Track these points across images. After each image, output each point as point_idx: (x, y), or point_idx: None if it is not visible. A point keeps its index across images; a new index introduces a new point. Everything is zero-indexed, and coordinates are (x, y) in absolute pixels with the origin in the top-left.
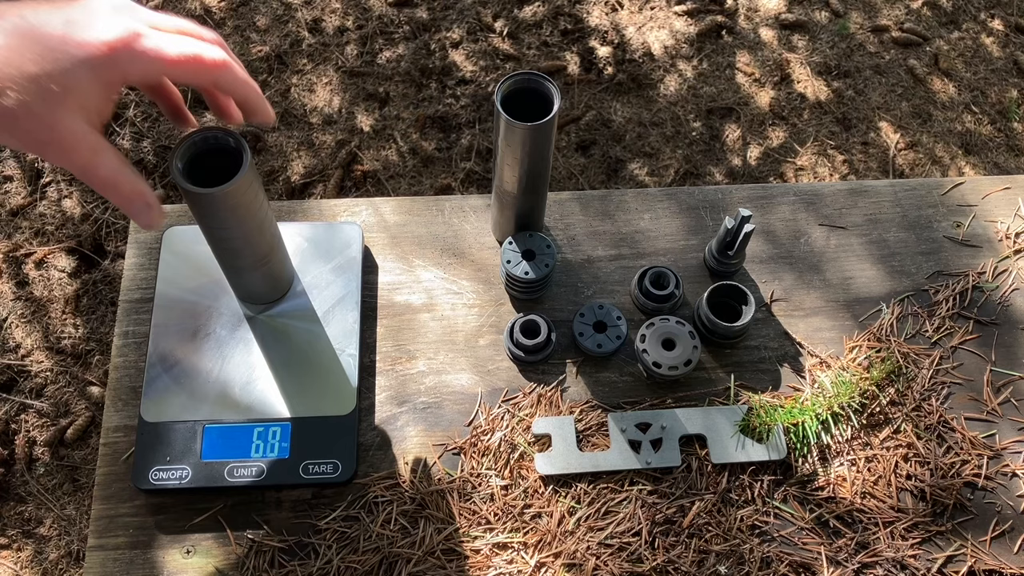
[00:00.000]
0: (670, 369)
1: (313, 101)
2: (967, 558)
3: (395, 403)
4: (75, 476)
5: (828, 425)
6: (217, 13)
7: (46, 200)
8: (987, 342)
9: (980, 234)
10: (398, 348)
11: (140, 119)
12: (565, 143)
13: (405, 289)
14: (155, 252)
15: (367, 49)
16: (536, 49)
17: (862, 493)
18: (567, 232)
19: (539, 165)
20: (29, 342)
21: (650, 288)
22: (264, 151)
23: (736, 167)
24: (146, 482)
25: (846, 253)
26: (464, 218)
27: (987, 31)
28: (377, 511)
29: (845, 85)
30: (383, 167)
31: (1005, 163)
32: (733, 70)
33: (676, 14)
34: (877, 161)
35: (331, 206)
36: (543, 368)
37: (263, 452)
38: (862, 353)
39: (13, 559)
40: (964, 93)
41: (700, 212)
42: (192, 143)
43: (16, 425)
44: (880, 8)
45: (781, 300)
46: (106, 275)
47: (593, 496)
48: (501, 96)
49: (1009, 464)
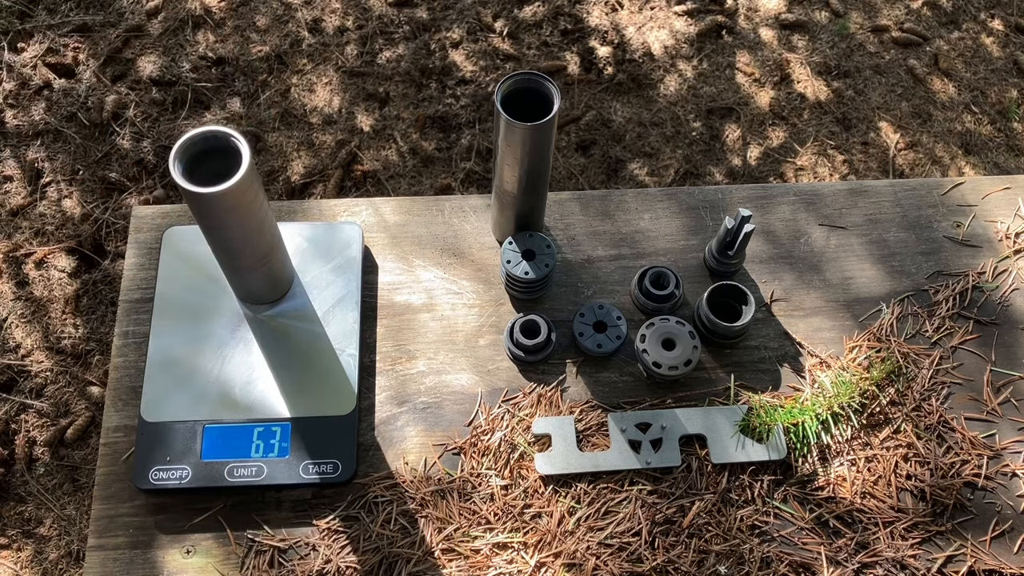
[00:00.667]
0: (670, 369)
1: (313, 101)
2: (967, 558)
3: (395, 403)
4: (75, 476)
5: (828, 425)
6: (217, 13)
7: (46, 200)
8: (987, 342)
9: (980, 234)
10: (398, 348)
11: (140, 119)
12: (565, 143)
13: (405, 289)
14: (155, 252)
15: (367, 49)
16: (536, 49)
17: (862, 493)
18: (567, 232)
19: (539, 165)
20: (29, 342)
21: (650, 288)
22: (264, 151)
23: (736, 167)
24: (146, 482)
25: (846, 253)
26: (464, 218)
27: (987, 31)
28: (377, 511)
29: (845, 85)
30: (383, 167)
31: (1005, 163)
32: (733, 70)
33: (676, 14)
34: (877, 161)
35: (331, 206)
36: (543, 368)
37: (263, 452)
38: (862, 353)
39: (13, 559)
40: (964, 93)
41: (700, 212)
42: (192, 143)
43: (16, 425)
44: (880, 8)
45: (781, 300)
46: (106, 275)
47: (593, 496)
48: (501, 96)
49: (1009, 464)
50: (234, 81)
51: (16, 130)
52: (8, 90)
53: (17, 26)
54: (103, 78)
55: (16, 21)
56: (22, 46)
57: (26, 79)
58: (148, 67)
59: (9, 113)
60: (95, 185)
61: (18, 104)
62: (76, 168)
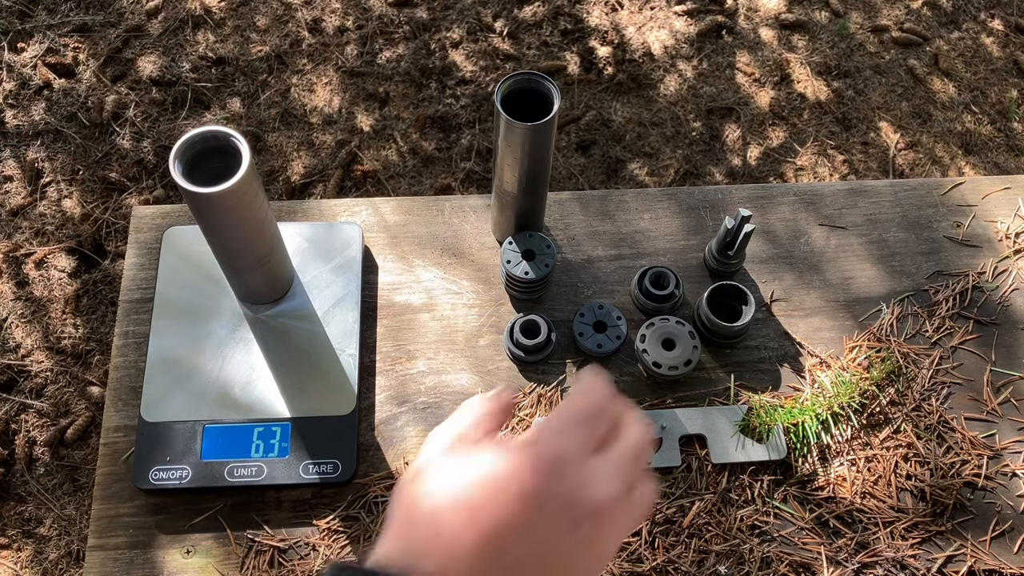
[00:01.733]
0: (670, 369)
1: (313, 101)
2: (967, 558)
3: (395, 403)
4: (75, 476)
5: (828, 425)
6: (217, 13)
7: (46, 200)
8: (987, 342)
9: (980, 234)
10: (398, 348)
11: (140, 119)
12: (565, 143)
13: (405, 289)
14: (155, 252)
15: (367, 49)
16: (536, 49)
17: (862, 493)
18: (567, 232)
19: (539, 165)
20: (29, 342)
21: (650, 288)
22: (264, 151)
23: (736, 167)
24: (146, 482)
25: (846, 253)
26: (464, 218)
27: (987, 31)
28: (377, 511)
29: (845, 85)
30: (383, 167)
31: (1005, 163)
32: (733, 70)
33: (676, 14)
34: (877, 161)
35: (331, 206)
36: (543, 368)
37: (263, 452)
38: (862, 353)
39: (13, 559)
40: (964, 93)
41: (700, 212)
42: (192, 143)
43: (16, 425)
44: (880, 8)
45: (781, 300)
46: (106, 275)
47: None
48: (501, 96)
49: (1009, 464)
50: (234, 81)
51: (16, 130)
52: (8, 90)
53: (17, 26)
54: (103, 78)
55: (16, 21)
56: (22, 46)
57: (26, 79)
58: (148, 67)
59: (9, 113)
60: (95, 185)
61: (18, 104)
62: (76, 168)
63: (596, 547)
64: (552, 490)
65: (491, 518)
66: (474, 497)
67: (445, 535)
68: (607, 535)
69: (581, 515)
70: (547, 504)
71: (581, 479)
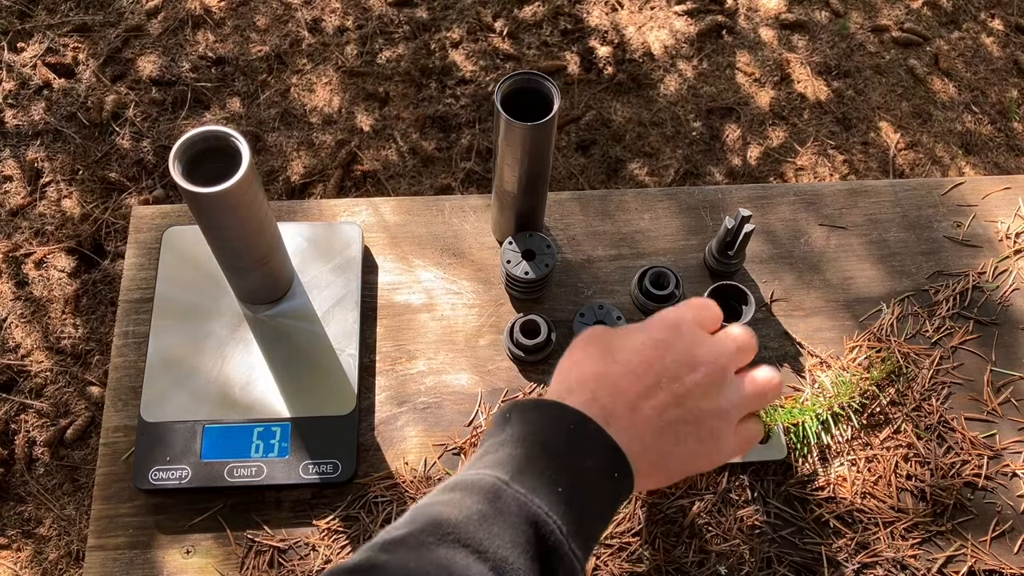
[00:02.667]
0: None
1: (313, 101)
2: (967, 558)
3: (395, 403)
4: (75, 476)
5: (828, 425)
6: (217, 13)
7: (46, 200)
8: (987, 342)
9: (980, 234)
10: (398, 348)
11: (140, 119)
12: (565, 143)
13: (405, 289)
14: (155, 252)
15: (367, 49)
16: (536, 49)
17: (862, 493)
18: (567, 232)
19: (539, 165)
20: (29, 342)
21: (650, 288)
22: (264, 151)
23: (736, 167)
24: (146, 482)
25: (846, 253)
26: (464, 218)
27: (987, 31)
28: (377, 511)
29: (845, 85)
30: (383, 167)
31: (1005, 163)
32: (733, 70)
33: (676, 14)
34: (877, 161)
35: (331, 206)
36: (543, 368)
37: (263, 452)
38: (862, 353)
39: (13, 559)
40: (964, 93)
41: (700, 212)
42: (192, 143)
43: (16, 425)
44: (880, 8)
45: (781, 300)
46: (106, 275)
47: None
48: (501, 96)
49: (1009, 464)
50: (234, 81)
51: (16, 130)
52: (8, 90)
53: (17, 26)
54: (103, 78)
55: (16, 21)
56: (22, 46)
57: (26, 79)
58: (148, 67)
59: (9, 113)
60: (95, 185)
61: (18, 104)
62: (76, 168)
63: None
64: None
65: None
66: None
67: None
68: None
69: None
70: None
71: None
